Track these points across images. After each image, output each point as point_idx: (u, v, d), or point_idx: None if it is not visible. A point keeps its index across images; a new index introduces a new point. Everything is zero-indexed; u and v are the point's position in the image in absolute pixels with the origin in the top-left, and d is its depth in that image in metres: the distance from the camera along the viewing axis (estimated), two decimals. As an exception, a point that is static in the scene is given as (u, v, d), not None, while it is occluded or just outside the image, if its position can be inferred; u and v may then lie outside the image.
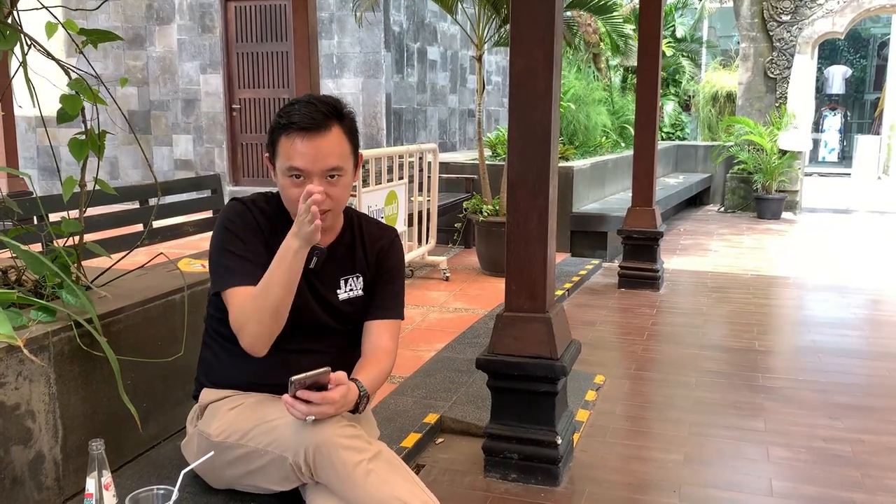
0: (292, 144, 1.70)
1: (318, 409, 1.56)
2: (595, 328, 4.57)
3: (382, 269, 1.93)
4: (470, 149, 10.41)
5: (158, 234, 3.86)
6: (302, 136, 1.69)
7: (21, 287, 2.00)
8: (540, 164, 2.56)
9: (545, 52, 2.50)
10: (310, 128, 1.69)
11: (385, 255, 1.94)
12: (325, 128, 1.70)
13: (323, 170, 1.70)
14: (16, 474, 1.69)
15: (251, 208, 1.79)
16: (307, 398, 1.55)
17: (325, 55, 8.60)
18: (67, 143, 2.09)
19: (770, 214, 9.30)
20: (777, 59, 9.51)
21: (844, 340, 4.39)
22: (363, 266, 1.91)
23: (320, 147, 1.70)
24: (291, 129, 1.69)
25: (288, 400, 1.57)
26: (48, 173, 9.88)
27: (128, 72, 9.48)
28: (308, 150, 1.69)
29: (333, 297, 1.85)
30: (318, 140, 1.70)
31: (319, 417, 1.58)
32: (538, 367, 2.55)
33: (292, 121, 1.70)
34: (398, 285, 1.96)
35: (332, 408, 1.58)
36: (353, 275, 1.88)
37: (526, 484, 2.62)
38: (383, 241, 1.95)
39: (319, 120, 1.70)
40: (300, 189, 1.69)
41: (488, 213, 5.78)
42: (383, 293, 1.92)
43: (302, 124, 1.69)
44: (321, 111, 1.70)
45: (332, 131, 1.72)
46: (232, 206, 1.80)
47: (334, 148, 1.72)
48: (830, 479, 2.69)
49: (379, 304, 1.92)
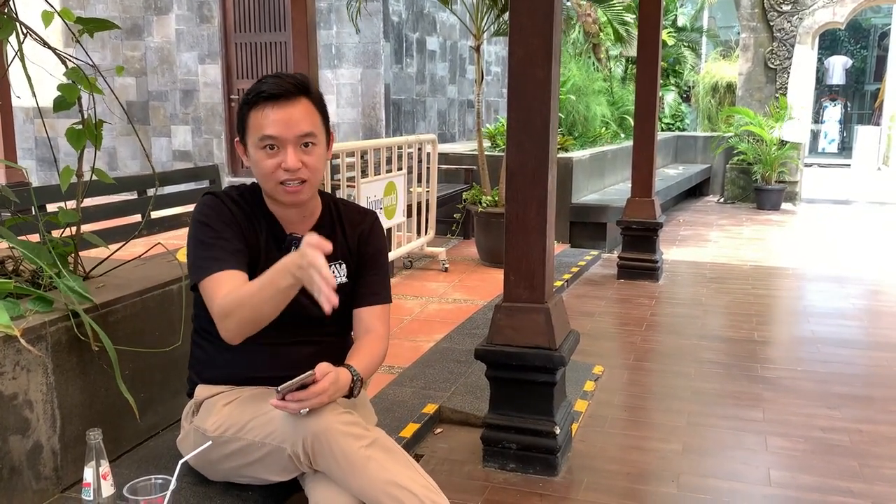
0: (263, 114, 1.68)
1: (311, 401, 1.56)
2: (594, 319, 4.57)
3: (366, 255, 1.90)
4: (469, 140, 10.38)
5: (156, 225, 3.85)
6: (272, 104, 1.68)
7: (18, 277, 1.99)
8: (539, 153, 2.55)
9: (544, 40, 2.49)
10: (280, 95, 1.68)
11: (366, 239, 1.91)
12: (295, 97, 1.69)
13: (297, 135, 1.68)
14: (14, 464, 1.69)
15: (224, 200, 1.77)
16: (297, 398, 1.55)
17: (323, 45, 8.57)
18: (65, 132, 2.08)
19: (770, 205, 9.30)
20: (777, 50, 9.48)
21: (843, 331, 4.39)
22: (345, 253, 1.88)
23: (291, 114, 1.68)
24: (260, 99, 1.68)
25: (278, 404, 1.56)
26: (47, 164, 9.86)
27: (126, 62, 9.45)
28: (280, 116, 1.67)
29: None
30: (289, 107, 1.68)
31: (314, 407, 1.57)
32: (537, 357, 2.55)
33: (261, 90, 1.69)
34: (383, 269, 1.95)
35: (325, 395, 1.58)
36: (335, 262, 1.86)
37: (524, 473, 2.62)
38: (363, 225, 1.92)
39: (289, 88, 1.69)
40: (275, 160, 1.68)
41: (487, 204, 5.77)
42: (370, 279, 1.90)
43: (271, 92, 1.68)
44: (289, 82, 1.70)
45: (302, 101, 1.70)
46: (205, 199, 1.78)
47: (306, 115, 1.70)
48: (829, 468, 2.69)
49: (367, 290, 1.90)
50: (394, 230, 5.35)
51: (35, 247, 1.90)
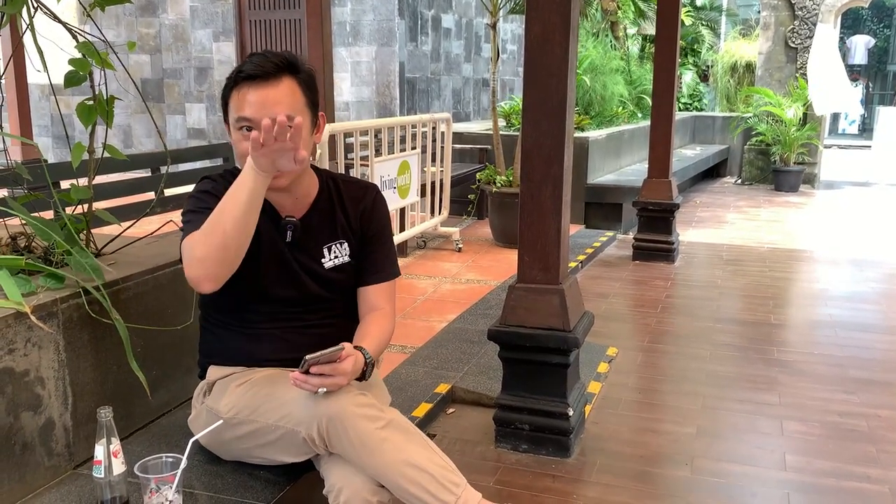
0: (241, 95, 1.64)
1: (331, 381, 1.55)
2: (608, 300, 4.54)
3: (369, 232, 1.86)
4: (484, 119, 10.31)
5: (170, 203, 3.84)
6: (250, 84, 1.63)
7: (30, 254, 1.99)
8: (555, 132, 2.51)
9: (562, 17, 2.44)
10: (258, 76, 1.63)
11: (369, 216, 1.86)
12: (275, 77, 1.64)
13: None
14: (26, 440, 1.69)
15: (218, 180, 1.76)
16: (320, 372, 1.54)
17: (338, 23, 8.50)
18: (76, 107, 2.06)
19: (788, 187, 9.18)
20: (798, 29, 9.31)
21: (861, 315, 4.34)
22: (346, 231, 1.84)
23: (269, 95, 1.63)
24: (240, 79, 1.65)
25: (298, 377, 1.54)
26: (62, 142, 9.89)
27: (140, 39, 9.43)
28: (256, 98, 1.63)
29: (319, 266, 1.80)
30: (267, 89, 1.63)
31: (331, 389, 1.56)
32: (550, 338, 2.53)
33: (241, 70, 1.65)
34: (388, 244, 1.90)
35: (345, 378, 1.57)
36: (335, 241, 1.82)
37: (537, 455, 2.61)
38: (365, 201, 1.86)
39: (269, 69, 1.63)
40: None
41: (502, 184, 5.73)
42: (375, 257, 1.86)
43: (250, 72, 1.63)
44: (272, 62, 1.64)
45: (283, 81, 1.65)
46: (201, 182, 1.77)
47: (284, 97, 1.64)
48: (845, 453, 2.66)
49: (372, 268, 1.86)
50: (407, 210, 5.32)
51: (48, 223, 1.90)
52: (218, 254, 1.58)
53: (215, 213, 1.59)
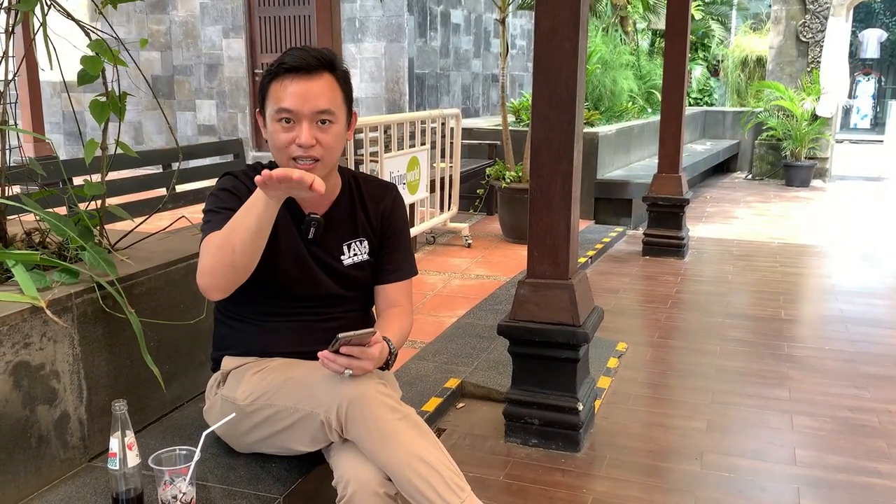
0: (282, 86, 1.66)
1: (358, 364, 1.57)
2: (618, 296, 4.54)
3: (389, 231, 1.89)
4: (493, 114, 10.30)
5: (181, 199, 3.87)
6: (292, 77, 1.65)
7: (45, 249, 2.01)
8: (565, 127, 2.51)
9: (572, 12, 2.44)
10: (301, 68, 1.65)
11: (389, 216, 1.89)
12: (317, 71, 1.67)
13: (313, 111, 1.65)
14: (42, 433, 1.72)
15: (241, 178, 1.77)
16: (350, 353, 1.56)
17: (347, 19, 8.51)
18: (88, 104, 2.08)
19: (799, 182, 9.13)
20: (810, 22, 9.25)
21: (873, 310, 4.32)
22: (366, 229, 1.87)
23: (311, 87, 1.65)
24: (282, 71, 1.66)
25: (328, 355, 1.57)
26: (74, 138, 9.95)
27: (150, 36, 9.46)
28: (298, 89, 1.65)
29: (338, 263, 1.82)
30: (309, 82, 1.66)
31: (357, 373, 1.58)
32: (560, 333, 2.54)
33: (283, 62, 1.67)
34: (406, 243, 1.93)
35: (371, 363, 1.59)
36: (355, 239, 1.85)
37: (546, 449, 2.62)
38: (385, 201, 1.90)
39: (311, 62, 1.66)
40: (290, 134, 1.66)
41: (511, 180, 5.73)
42: (394, 255, 1.90)
43: (293, 64, 1.65)
44: (314, 56, 1.67)
45: (324, 76, 1.68)
46: (223, 178, 1.79)
47: (325, 91, 1.67)
48: (856, 449, 2.66)
49: (391, 266, 1.89)
50: (417, 205, 5.33)
51: (62, 219, 1.92)
52: (225, 270, 1.61)
53: (227, 228, 1.60)
